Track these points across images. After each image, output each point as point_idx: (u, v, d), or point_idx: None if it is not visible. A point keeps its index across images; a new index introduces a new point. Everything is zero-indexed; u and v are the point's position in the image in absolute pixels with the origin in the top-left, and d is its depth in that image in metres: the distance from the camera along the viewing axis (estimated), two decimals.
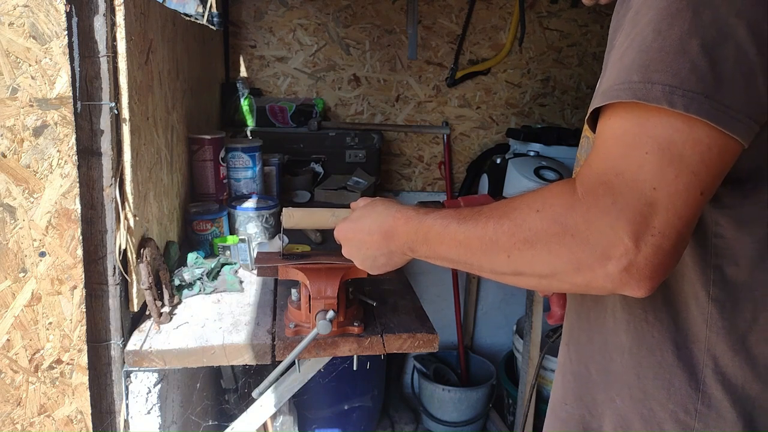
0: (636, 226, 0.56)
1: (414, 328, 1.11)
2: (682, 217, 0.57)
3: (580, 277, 0.61)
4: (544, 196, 0.63)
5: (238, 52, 2.35)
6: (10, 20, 0.87)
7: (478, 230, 0.68)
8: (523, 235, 0.63)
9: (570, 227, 0.59)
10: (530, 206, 0.63)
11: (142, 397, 1.06)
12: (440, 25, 2.45)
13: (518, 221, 0.64)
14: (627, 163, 0.58)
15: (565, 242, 0.60)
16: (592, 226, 0.58)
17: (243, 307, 1.18)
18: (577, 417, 0.83)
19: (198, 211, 1.43)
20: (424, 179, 2.60)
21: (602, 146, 0.61)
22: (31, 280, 0.95)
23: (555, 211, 0.61)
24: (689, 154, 0.56)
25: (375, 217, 0.84)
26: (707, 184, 0.57)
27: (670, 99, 0.55)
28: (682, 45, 0.55)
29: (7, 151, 0.91)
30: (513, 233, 0.64)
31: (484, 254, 0.68)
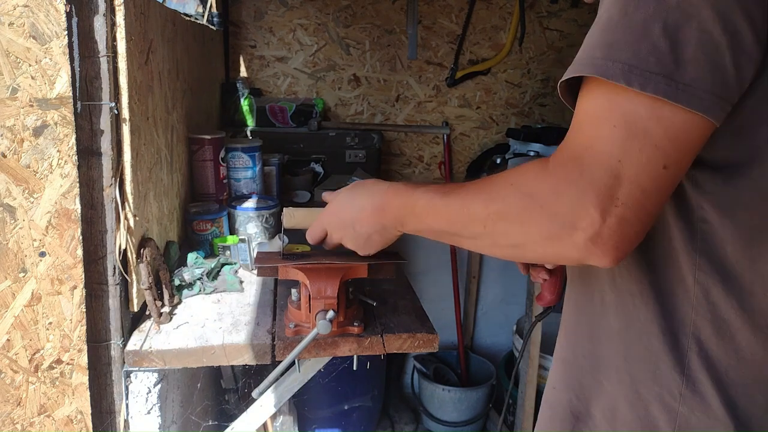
0: (601, 197, 0.59)
1: (414, 328, 1.11)
2: (645, 190, 0.59)
3: (550, 247, 0.64)
4: (519, 170, 0.66)
5: (238, 52, 2.35)
6: (10, 20, 0.87)
7: (458, 202, 0.72)
8: (496, 207, 0.67)
9: (539, 198, 0.62)
10: (505, 180, 0.67)
11: (142, 397, 1.06)
12: (440, 25, 2.45)
13: (493, 194, 0.68)
14: (596, 136, 0.60)
15: (535, 213, 0.63)
16: (560, 198, 0.61)
17: (243, 307, 1.18)
18: (565, 401, 0.84)
19: (198, 211, 1.43)
20: (424, 179, 2.59)
21: (576, 122, 0.64)
22: (31, 280, 0.95)
23: (527, 184, 0.64)
24: (653, 129, 0.58)
25: (366, 193, 0.86)
26: (672, 159, 0.59)
27: (628, 78, 0.57)
28: (645, 26, 0.58)
29: (7, 151, 0.91)
30: (487, 205, 0.68)
31: (463, 225, 0.71)
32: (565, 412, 0.84)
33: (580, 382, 0.81)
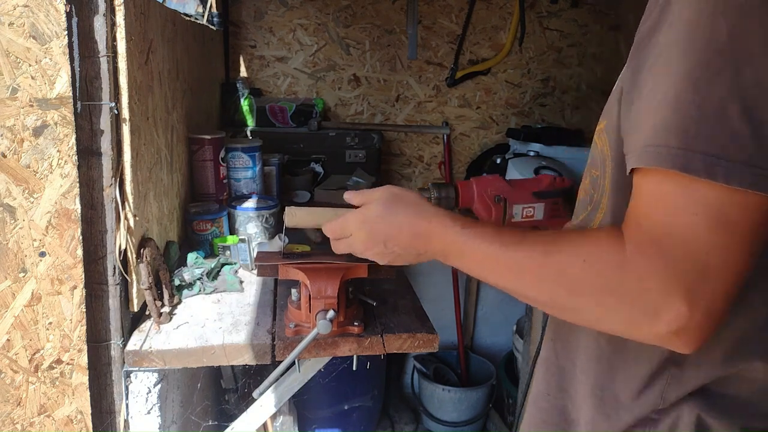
0: (690, 291, 0.56)
1: (414, 328, 1.11)
2: (733, 281, 0.57)
3: (626, 330, 0.61)
4: (591, 247, 0.63)
5: (238, 52, 2.35)
6: (10, 20, 0.87)
7: (521, 263, 0.67)
8: (567, 284, 0.63)
9: (619, 286, 0.59)
10: (576, 254, 0.63)
11: (142, 397, 1.06)
12: (440, 25, 2.45)
13: (562, 267, 0.63)
14: (676, 224, 0.57)
15: (613, 298, 0.60)
16: (644, 287, 0.57)
17: (243, 307, 1.18)
18: (560, 407, 0.83)
19: (198, 211, 1.43)
20: (424, 179, 2.59)
21: (648, 205, 0.60)
22: (31, 280, 0.95)
23: (603, 266, 0.60)
24: (737, 219, 0.56)
25: (407, 213, 0.80)
26: (757, 246, 0.57)
27: (711, 171, 0.54)
28: (723, 109, 0.54)
29: (7, 151, 0.91)
30: (557, 279, 0.64)
31: (526, 288, 0.68)
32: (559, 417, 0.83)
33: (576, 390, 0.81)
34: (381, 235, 0.81)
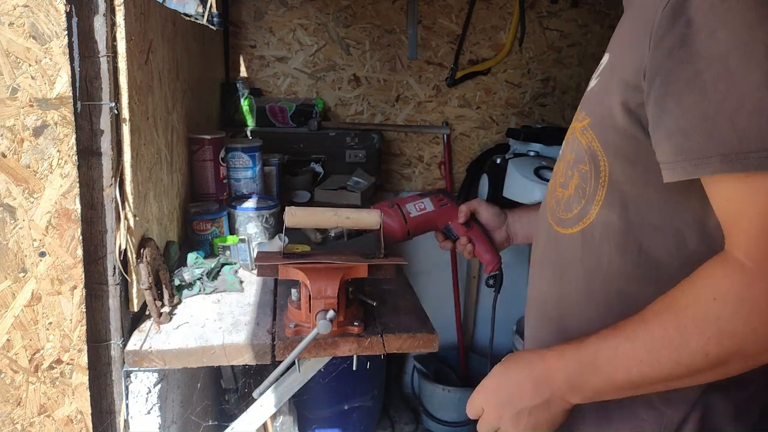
0: None
1: (414, 328, 1.11)
2: None
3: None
4: (710, 282, 0.63)
5: (238, 52, 2.35)
6: (10, 20, 0.87)
7: (659, 340, 0.65)
8: (714, 328, 0.62)
9: (760, 300, 0.60)
10: (703, 298, 0.63)
11: (142, 397, 1.06)
12: (440, 25, 2.45)
13: (699, 317, 0.63)
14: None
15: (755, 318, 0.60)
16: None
17: (243, 307, 1.18)
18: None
19: (198, 211, 1.43)
20: (424, 179, 2.60)
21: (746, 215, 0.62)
22: (31, 280, 0.95)
23: (735, 291, 0.61)
24: None
25: (521, 364, 0.77)
26: None
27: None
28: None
29: (7, 151, 0.91)
30: (702, 330, 0.63)
31: (676, 363, 0.65)
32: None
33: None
34: (504, 396, 0.77)
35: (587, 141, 0.76)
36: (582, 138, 0.77)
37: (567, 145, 0.84)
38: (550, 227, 0.87)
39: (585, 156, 0.77)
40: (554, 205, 0.87)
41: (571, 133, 0.82)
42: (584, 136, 0.77)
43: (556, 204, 0.86)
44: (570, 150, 0.81)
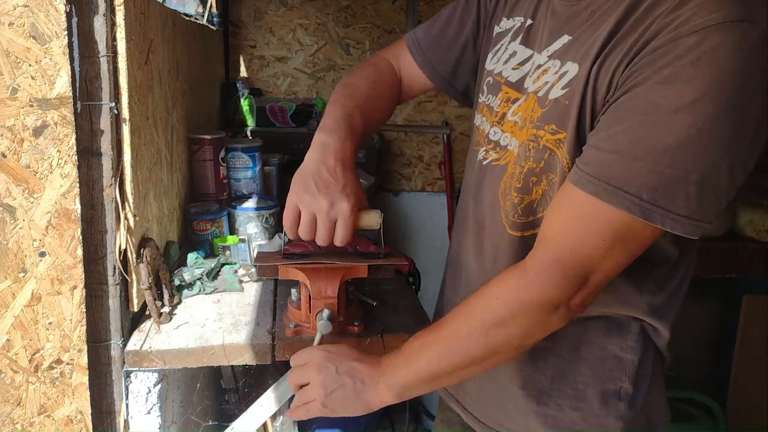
0: (580, 292, 0.76)
1: (414, 328, 1.11)
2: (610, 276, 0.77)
3: (539, 330, 0.80)
4: (499, 282, 0.80)
5: (238, 52, 2.35)
6: (10, 20, 0.87)
7: (453, 335, 0.81)
8: (491, 321, 0.78)
9: (527, 303, 0.77)
10: (490, 294, 0.80)
11: (142, 397, 1.06)
12: None
13: (483, 311, 0.79)
14: (584, 245, 0.74)
15: (527, 315, 0.77)
16: (545, 297, 0.76)
17: (243, 307, 1.18)
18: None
19: (198, 211, 1.43)
20: (424, 179, 2.60)
21: (564, 223, 0.77)
22: (31, 280, 0.95)
23: (512, 294, 0.78)
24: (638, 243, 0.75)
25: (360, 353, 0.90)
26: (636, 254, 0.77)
27: (663, 221, 0.71)
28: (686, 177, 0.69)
29: (7, 151, 0.91)
30: (483, 324, 0.79)
31: (465, 353, 0.81)
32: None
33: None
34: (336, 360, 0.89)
35: (563, 155, 0.81)
36: (558, 151, 0.81)
37: (526, 150, 0.85)
38: (504, 231, 0.89)
39: (558, 168, 0.81)
40: (509, 209, 0.88)
41: (533, 141, 0.84)
42: (560, 150, 0.81)
43: (512, 208, 0.88)
44: (535, 158, 0.84)
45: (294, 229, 0.92)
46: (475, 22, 1.06)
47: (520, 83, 0.90)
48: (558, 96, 0.81)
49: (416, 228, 2.60)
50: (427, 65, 1.10)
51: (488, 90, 0.98)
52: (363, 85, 1.06)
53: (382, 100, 1.09)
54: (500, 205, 0.90)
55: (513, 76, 0.92)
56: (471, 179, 1.00)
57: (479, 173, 0.96)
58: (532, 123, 0.84)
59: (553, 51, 0.85)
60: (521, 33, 0.93)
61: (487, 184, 0.93)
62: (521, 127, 0.87)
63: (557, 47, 0.84)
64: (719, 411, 2.26)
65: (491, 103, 0.96)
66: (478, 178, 0.97)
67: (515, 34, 0.95)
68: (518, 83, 0.91)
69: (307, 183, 0.90)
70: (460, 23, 1.08)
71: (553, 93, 0.82)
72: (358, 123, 0.98)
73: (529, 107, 0.85)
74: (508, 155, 0.90)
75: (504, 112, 0.92)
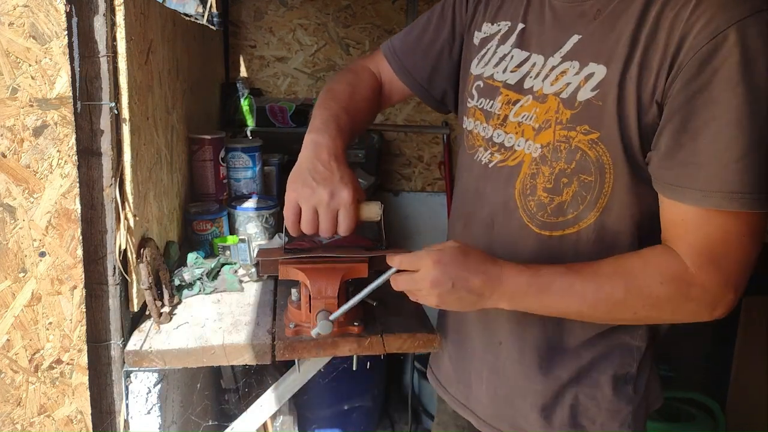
0: (735, 289, 0.80)
1: (414, 328, 1.11)
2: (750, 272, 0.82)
3: (689, 318, 0.83)
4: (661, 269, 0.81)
5: (238, 52, 2.35)
6: (10, 20, 0.87)
7: (605, 292, 0.82)
8: (651, 301, 0.81)
9: (692, 296, 0.80)
10: (653, 278, 0.81)
11: (142, 397, 1.06)
12: None
13: (645, 290, 0.81)
14: (730, 247, 0.79)
15: (687, 304, 0.81)
16: (708, 295, 0.80)
17: (243, 307, 1.18)
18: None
19: (198, 211, 1.43)
20: (424, 179, 2.60)
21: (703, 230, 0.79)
22: (31, 280, 0.95)
23: (678, 284, 0.80)
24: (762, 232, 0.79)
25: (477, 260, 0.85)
26: None
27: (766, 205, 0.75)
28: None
29: (7, 151, 0.91)
30: (642, 299, 0.81)
31: (608, 312, 0.84)
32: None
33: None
34: (452, 275, 0.83)
35: (597, 154, 0.83)
36: (590, 151, 0.83)
37: (557, 152, 0.86)
38: (528, 230, 0.91)
39: (591, 167, 0.84)
40: (534, 209, 0.90)
41: (565, 142, 0.85)
42: (593, 150, 0.83)
43: (538, 208, 0.89)
44: (566, 159, 0.86)
45: (296, 226, 0.92)
46: (451, 31, 1.08)
47: (519, 85, 0.92)
48: (589, 98, 0.82)
49: (416, 228, 2.60)
50: (403, 72, 1.13)
51: (479, 94, 0.99)
52: (345, 89, 1.08)
53: (365, 102, 1.10)
54: (518, 205, 0.91)
55: (511, 78, 0.93)
56: (469, 181, 1.01)
57: (482, 175, 0.97)
58: (560, 124, 0.85)
59: (565, 52, 0.86)
60: (512, 36, 0.95)
61: (496, 186, 0.95)
62: (542, 128, 0.88)
63: (569, 48, 0.86)
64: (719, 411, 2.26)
65: (487, 107, 0.97)
66: (480, 180, 0.98)
67: (503, 38, 0.96)
68: (517, 85, 0.92)
69: (304, 178, 0.91)
70: (435, 31, 1.10)
71: (582, 95, 0.83)
72: (344, 123, 1.00)
73: (552, 108, 0.87)
74: (520, 156, 0.91)
75: (506, 114, 0.93)
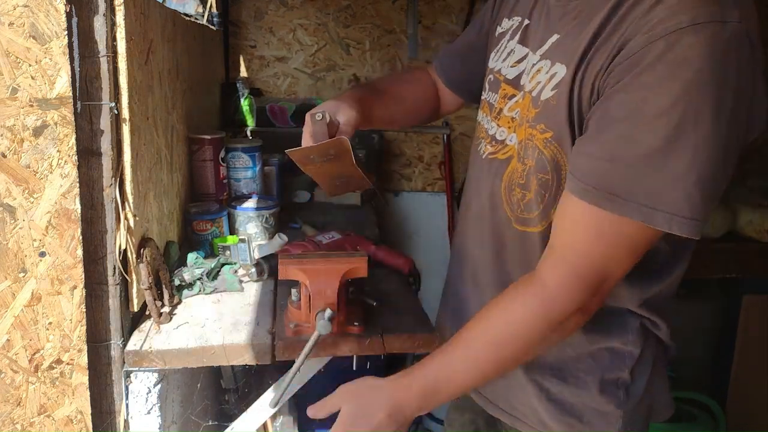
0: (596, 295, 0.80)
1: (414, 328, 1.11)
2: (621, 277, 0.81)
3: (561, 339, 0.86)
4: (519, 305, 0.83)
5: (238, 52, 2.35)
6: (10, 20, 0.87)
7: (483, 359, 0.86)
8: (522, 346, 0.84)
9: (554, 319, 0.81)
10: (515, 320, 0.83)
11: (142, 397, 1.06)
12: (440, 25, 2.44)
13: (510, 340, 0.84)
14: (596, 255, 0.78)
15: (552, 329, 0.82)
16: (569, 311, 0.80)
17: (243, 307, 1.18)
18: None
19: (198, 211, 1.43)
20: (424, 179, 2.59)
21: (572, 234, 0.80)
22: (31, 280, 0.95)
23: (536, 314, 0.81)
24: (643, 246, 0.78)
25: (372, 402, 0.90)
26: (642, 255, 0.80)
27: (669, 224, 0.73)
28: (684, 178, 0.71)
29: (7, 151, 0.91)
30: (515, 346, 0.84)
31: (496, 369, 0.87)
32: None
33: None
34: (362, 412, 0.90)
35: (552, 153, 0.84)
36: (546, 150, 0.84)
37: (525, 149, 0.88)
38: (510, 225, 0.93)
39: (548, 166, 0.85)
40: (514, 204, 0.92)
41: (530, 140, 0.86)
42: (548, 149, 0.84)
43: (516, 203, 0.91)
44: (531, 156, 0.87)
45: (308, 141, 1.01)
46: (483, 31, 1.13)
47: (516, 80, 0.93)
48: (548, 97, 0.83)
49: (416, 228, 2.60)
50: (451, 82, 1.19)
51: (489, 87, 1.02)
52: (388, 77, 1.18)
53: (408, 92, 1.17)
54: (503, 199, 0.93)
55: (510, 73, 0.95)
56: (472, 172, 1.04)
57: (479, 166, 1.00)
58: (528, 122, 0.87)
59: (544, 50, 0.88)
60: (518, 32, 0.96)
61: (486, 177, 0.96)
62: (519, 124, 0.90)
63: (547, 47, 0.87)
64: (719, 411, 2.26)
65: (491, 100, 0.99)
66: (478, 171, 1.00)
67: (513, 33, 0.98)
68: (515, 80, 0.94)
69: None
70: (470, 34, 1.16)
71: (544, 94, 0.84)
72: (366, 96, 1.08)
73: (526, 106, 0.88)
74: (509, 150, 0.93)
75: (501, 108, 0.95)
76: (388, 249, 1.41)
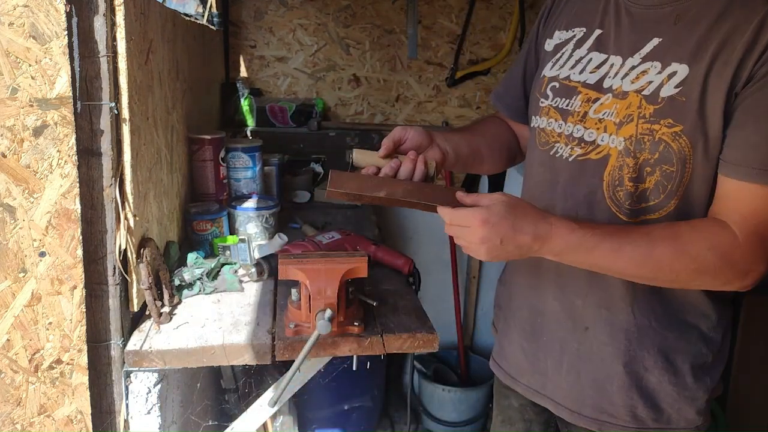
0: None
1: (414, 328, 1.11)
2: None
3: (722, 287, 0.92)
4: (711, 237, 0.87)
5: (238, 52, 2.35)
6: (10, 20, 0.87)
7: (654, 256, 0.87)
8: (695, 266, 0.87)
9: (734, 263, 0.87)
10: (703, 244, 0.87)
11: (142, 397, 1.06)
12: (440, 25, 2.45)
13: (693, 255, 0.87)
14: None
15: (726, 271, 0.87)
16: (748, 263, 0.87)
17: (243, 307, 1.18)
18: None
19: (198, 211, 1.43)
20: None
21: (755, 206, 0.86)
22: (31, 280, 0.95)
23: (724, 251, 0.86)
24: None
25: (526, 217, 0.89)
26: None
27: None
28: None
29: (7, 151, 0.91)
30: (687, 264, 0.87)
31: (652, 272, 0.89)
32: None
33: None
34: (501, 233, 0.87)
35: (679, 146, 0.90)
36: (673, 143, 0.91)
37: (640, 143, 0.93)
38: (615, 219, 0.97)
39: (674, 158, 0.91)
40: (622, 198, 0.96)
41: (648, 134, 0.92)
42: (676, 142, 0.90)
43: (625, 196, 0.95)
44: (650, 150, 0.92)
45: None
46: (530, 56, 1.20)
47: (599, 84, 0.99)
48: (672, 94, 0.90)
49: (416, 228, 2.60)
50: (513, 114, 1.24)
51: (555, 94, 1.05)
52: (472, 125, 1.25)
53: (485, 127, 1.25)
54: (606, 195, 0.97)
55: (591, 78, 1.00)
56: (545, 176, 1.05)
57: (563, 168, 1.02)
58: (643, 119, 0.92)
59: (645, 53, 0.94)
60: (589, 41, 1.03)
61: (579, 178, 1.00)
62: (623, 123, 0.94)
63: (648, 49, 0.94)
64: (719, 411, 2.26)
65: (563, 105, 1.03)
66: (560, 174, 1.03)
67: (579, 43, 1.04)
68: (597, 84, 0.99)
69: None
70: (519, 62, 1.24)
71: (664, 91, 0.91)
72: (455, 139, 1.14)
73: (633, 104, 0.94)
74: (604, 150, 0.97)
75: (585, 111, 1.00)
76: (388, 249, 1.41)
